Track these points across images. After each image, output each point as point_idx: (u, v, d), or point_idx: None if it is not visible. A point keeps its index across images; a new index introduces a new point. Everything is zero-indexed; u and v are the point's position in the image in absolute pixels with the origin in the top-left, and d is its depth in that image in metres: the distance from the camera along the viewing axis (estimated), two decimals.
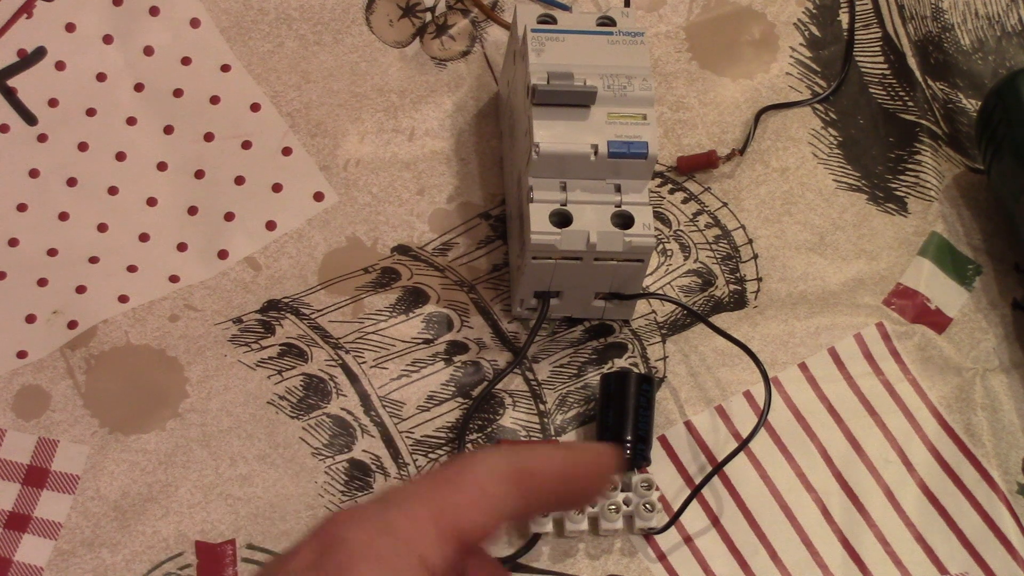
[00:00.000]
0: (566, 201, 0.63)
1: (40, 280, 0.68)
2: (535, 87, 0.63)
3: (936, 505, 0.66)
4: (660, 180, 0.73)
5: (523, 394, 0.67)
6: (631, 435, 0.64)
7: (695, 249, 0.72)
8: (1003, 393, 0.68)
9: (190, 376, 0.66)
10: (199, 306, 0.68)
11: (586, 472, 0.42)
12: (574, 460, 0.41)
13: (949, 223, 0.74)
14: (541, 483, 0.40)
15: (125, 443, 0.65)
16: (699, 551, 0.64)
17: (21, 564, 0.62)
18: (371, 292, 0.69)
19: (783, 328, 0.69)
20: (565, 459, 0.41)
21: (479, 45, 0.75)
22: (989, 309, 0.71)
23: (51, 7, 0.73)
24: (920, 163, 0.75)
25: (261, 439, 0.65)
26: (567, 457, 0.41)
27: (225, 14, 0.74)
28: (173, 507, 0.63)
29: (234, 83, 0.73)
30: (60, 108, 0.72)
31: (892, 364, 0.69)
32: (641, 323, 0.69)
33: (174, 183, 0.71)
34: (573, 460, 0.41)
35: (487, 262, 0.70)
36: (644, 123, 0.64)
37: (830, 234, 0.73)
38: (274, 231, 0.70)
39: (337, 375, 0.67)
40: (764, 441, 0.66)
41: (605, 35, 0.66)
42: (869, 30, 0.79)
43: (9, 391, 0.65)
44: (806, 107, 0.76)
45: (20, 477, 0.64)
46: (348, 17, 0.75)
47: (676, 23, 0.77)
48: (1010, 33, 0.80)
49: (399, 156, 0.72)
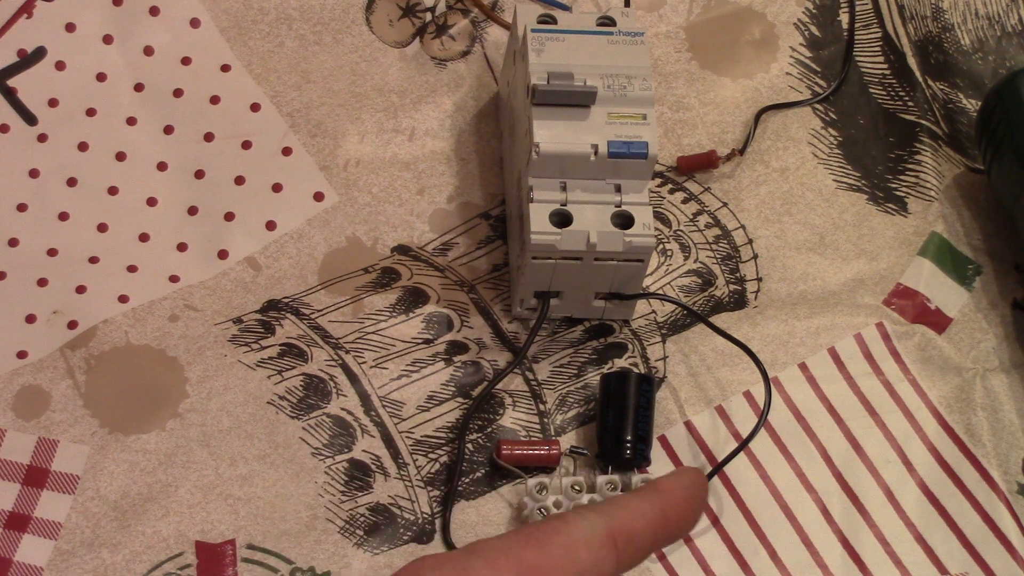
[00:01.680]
0: (566, 201, 0.63)
1: (40, 280, 0.68)
2: (535, 87, 0.63)
3: (936, 505, 0.66)
4: (660, 180, 0.73)
5: (523, 394, 0.67)
6: (631, 435, 0.64)
7: (695, 249, 0.72)
8: (1003, 393, 0.68)
9: (190, 376, 0.66)
10: (199, 306, 0.68)
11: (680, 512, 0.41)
12: (668, 505, 0.40)
13: (949, 223, 0.74)
14: (638, 542, 0.39)
15: (125, 443, 0.65)
16: (699, 551, 0.64)
17: (21, 564, 0.62)
18: (371, 292, 0.69)
19: (783, 328, 0.69)
20: (659, 508, 0.40)
21: (479, 45, 0.75)
22: (989, 309, 0.71)
23: (51, 7, 0.73)
24: (920, 163, 0.75)
25: (261, 439, 0.65)
26: (662, 505, 0.40)
27: (225, 14, 0.74)
28: (173, 507, 0.63)
29: (234, 83, 0.73)
30: (60, 108, 0.72)
31: (892, 364, 0.69)
32: (641, 323, 0.69)
33: (174, 183, 0.71)
34: (666, 505, 0.40)
35: (487, 262, 0.70)
36: (644, 123, 0.64)
37: (830, 234, 0.73)
38: (274, 231, 0.70)
39: (337, 375, 0.67)
40: (764, 441, 0.66)
41: (605, 35, 0.66)
42: (869, 30, 0.79)
43: (9, 391, 0.65)
44: (806, 107, 0.76)
45: (20, 477, 0.64)
46: (348, 17, 0.75)
47: (676, 23, 0.77)
48: (1010, 33, 0.80)
49: (399, 156, 0.72)
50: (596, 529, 0.39)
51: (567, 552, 0.38)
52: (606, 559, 0.38)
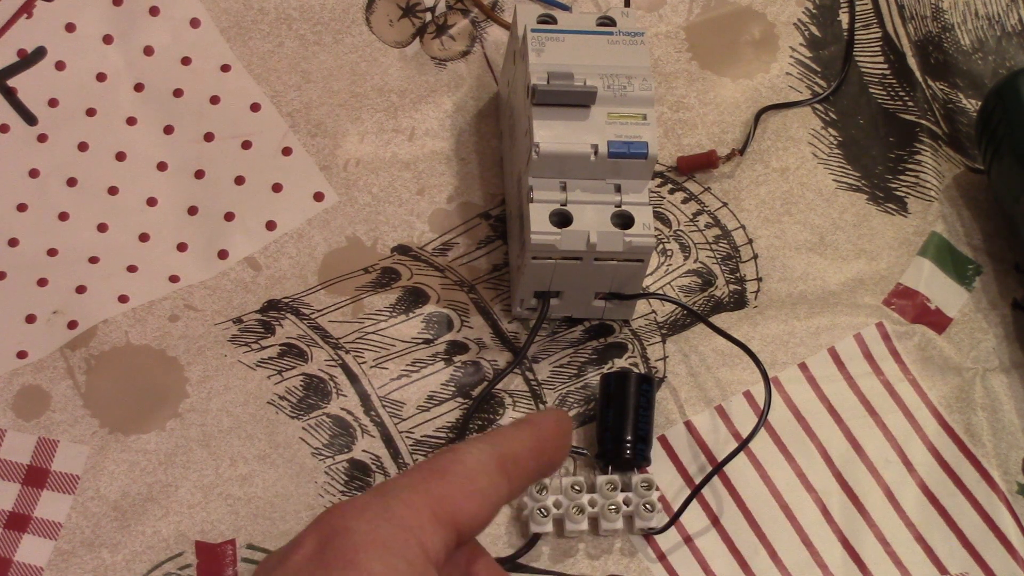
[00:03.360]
0: (566, 201, 0.63)
1: (40, 280, 0.68)
2: (535, 87, 0.63)
3: (936, 505, 0.66)
4: (660, 180, 0.73)
5: (523, 394, 0.67)
6: (631, 435, 0.64)
7: (695, 249, 0.72)
8: (1003, 393, 0.69)
9: (190, 376, 0.66)
10: (199, 306, 0.68)
11: (553, 441, 0.44)
12: (540, 434, 0.44)
13: (949, 223, 0.74)
14: (523, 465, 0.42)
15: (125, 443, 0.65)
16: (699, 551, 0.64)
17: (21, 564, 0.62)
18: (371, 292, 0.69)
19: (783, 328, 0.69)
20: (536, 437, 0.43)
21: (479, 45, 0.75)
22: (989, 309, 0.71)
23: (51, 7, 0.73)
24: (920, 163, 0.75)
25: (261, 439, 0.65)
26: (538, 435, 0.43)
27: (225, 14, 0.74)
28: (173, 507, 0.63)
29: (234, 83, 0.73)
30: (60, 108, 0.72)
31: (892, 364, 0.69)
32: (641, 323, 0.69)
33: (174, 183, 0.71)
34: (541, 435, 0.44)
35: (487, 262, 0.70)
36: (644, 123, 0.64)
37: (830, 234, 0.73)
38: (274, 231, 0.70)
39: (337, 375, 0.67)
40: (764, 441, 0.66)
41: (605, 35, 0.66)
42: (869, 30, 0.79)
43: (9, 391, 0.65)
44: (806, 107, 0.76)
45: (20, 477, 0.64)
46: (348, 17, 0.75)
47: (676, 23, 0.77)
48: (1010, 33, 0.80)
49: (399, 156, 0.72)
50: (486, 456, 0.42)
51: (468, 480, 0.40)
52: (501, 484, 0.41)
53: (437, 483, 0.40)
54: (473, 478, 0.41)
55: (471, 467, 0.41)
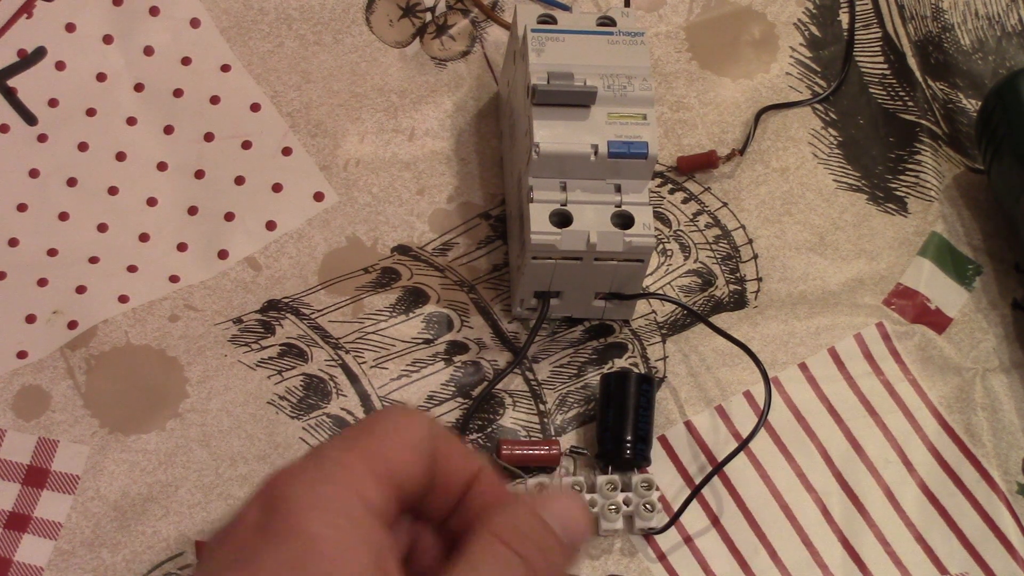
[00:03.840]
0: (566, 201, 0.63)
1: (40, 280, 0.68)
2: (535, 87, 0.63)
3: (936, 505, 0.66)
4: (660, 180, 0.73)
5: (523, 394, 0.67)
6: (631, 435, 0.64)
7: (695, 249, 0.72)
8: (1003, 393, 0.69)
9: (190, 376, 0.66)
10: (199, 306, 0.68)
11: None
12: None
13: (949, 223, 0.74)
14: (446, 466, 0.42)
15: (125, 443, 0.65)
16: (699, 551, 0.64)
17: (21, 564, 0.62)
18: (371, 292, 0.69)
19: (783, 328, 0.69)
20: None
21: (479, 45, 0.75)
22: (989, 309, 0.71)
23: (51, 7, 0.73)
24: (920, 163, 0.75)
25: (261, 439, 0.65)
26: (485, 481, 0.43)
27: (225, 14, 0.74)
28: (173, 507, 0.63)
29: (234, 83, 0.73)
30: (60, 108, 0.72)
31: (892, 364, 0.69)
32: (641, 323, 0.69)
33: (174, 183, 0.71)
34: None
35: (487, 262, 0.70)
36: (644, 123, 0.64)
37: (830, 234, 0.73)
38: (274, 231, 0.70)
39: (337, 375, 0.67)
40: (764, 441, 0.66)
41: (605, 35, 0.66)
42: (869, 30, 0.79)
43: (9, 391, 0.65)
44: (806, 107, 0.76)
45: (20, 477, 0.64)
46: (348, 17, 0.75)
47: (676, 23, 0.77)
48: (1010, 33, 0.80)
49: (399, 156, 0.72)
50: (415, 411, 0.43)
51: (397, 433, 0.41)
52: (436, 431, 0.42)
53: (366, 440, 0.41)
54: (404, 431, 0.41)
55: (401, 422, 0.41)
